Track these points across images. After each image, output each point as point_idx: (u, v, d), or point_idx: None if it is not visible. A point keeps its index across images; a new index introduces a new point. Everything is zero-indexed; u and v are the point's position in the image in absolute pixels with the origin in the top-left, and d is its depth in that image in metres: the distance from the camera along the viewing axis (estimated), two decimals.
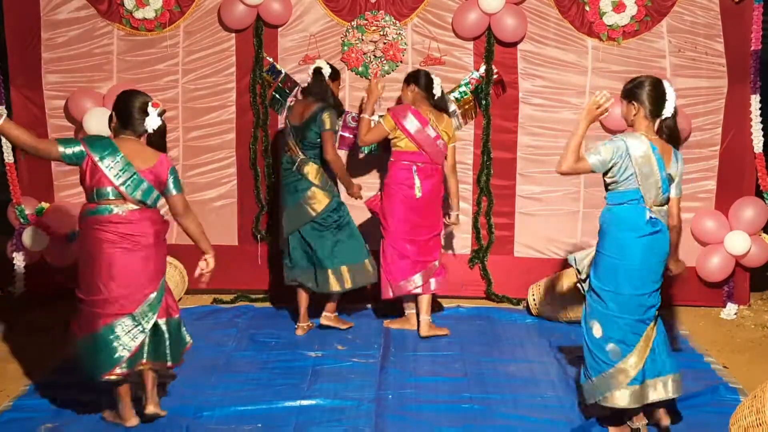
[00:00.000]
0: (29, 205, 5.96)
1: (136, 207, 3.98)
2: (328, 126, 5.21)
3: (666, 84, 3.92)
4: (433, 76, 5.39)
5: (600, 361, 3.94)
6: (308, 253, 5.36)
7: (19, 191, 5.95)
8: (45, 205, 6.01)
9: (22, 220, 5.93)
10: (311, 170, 5.30)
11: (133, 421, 4.09)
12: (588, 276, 4.03)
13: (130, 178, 3.94)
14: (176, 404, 4.34)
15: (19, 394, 4.49)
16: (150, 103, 4.03)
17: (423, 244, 5.39)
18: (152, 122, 4.03)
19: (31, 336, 5.34)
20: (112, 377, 3.99)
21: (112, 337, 3.95)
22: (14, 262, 6.09)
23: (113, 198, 3.95)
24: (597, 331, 3.94)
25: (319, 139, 5.25)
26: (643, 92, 3.89)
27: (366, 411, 4.30)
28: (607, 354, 3.92)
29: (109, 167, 3.92)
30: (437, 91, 5.39)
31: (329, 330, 5.49)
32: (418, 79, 5.36)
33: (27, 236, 5.94)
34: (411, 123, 5.27)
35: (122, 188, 3.93)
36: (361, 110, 5.59)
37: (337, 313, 5.54)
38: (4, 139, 5.94)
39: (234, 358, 5.04)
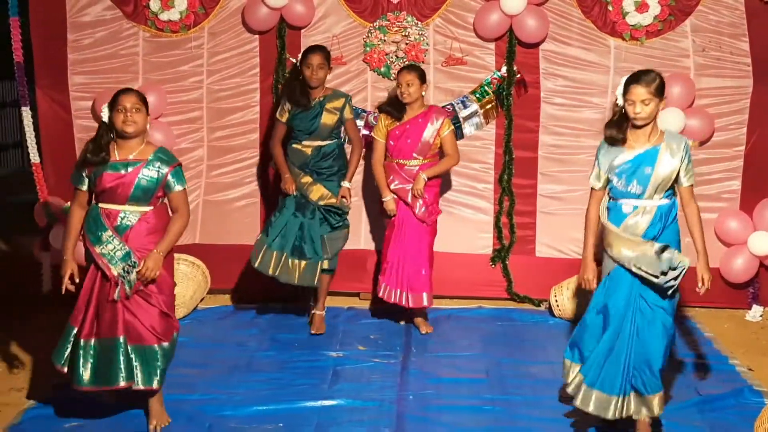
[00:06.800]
0: (56, 204, 6.02)
1: None
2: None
3: None
4: None
5: None
6: None
7: (45, 191, 6.00)
8: None
9: (49, 220, 5.99)
10: None
11: None
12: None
13: None
14: (199, 403, 4.39)
15: (43, 393, 4.54)
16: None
17: None
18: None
19: (57, 335, 5.38)
20: None
21: None
22: (41, 261, 6.16)
23: None
24: None
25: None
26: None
27: (387, 412, 4.33)
28: None
29: None
30: None
31: (350, 330, 5.52)
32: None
33: (54, 236, 6.01)
34: None
35: None
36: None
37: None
38: (29, 138, 6.01)
39: (255, 358, 5.07)
